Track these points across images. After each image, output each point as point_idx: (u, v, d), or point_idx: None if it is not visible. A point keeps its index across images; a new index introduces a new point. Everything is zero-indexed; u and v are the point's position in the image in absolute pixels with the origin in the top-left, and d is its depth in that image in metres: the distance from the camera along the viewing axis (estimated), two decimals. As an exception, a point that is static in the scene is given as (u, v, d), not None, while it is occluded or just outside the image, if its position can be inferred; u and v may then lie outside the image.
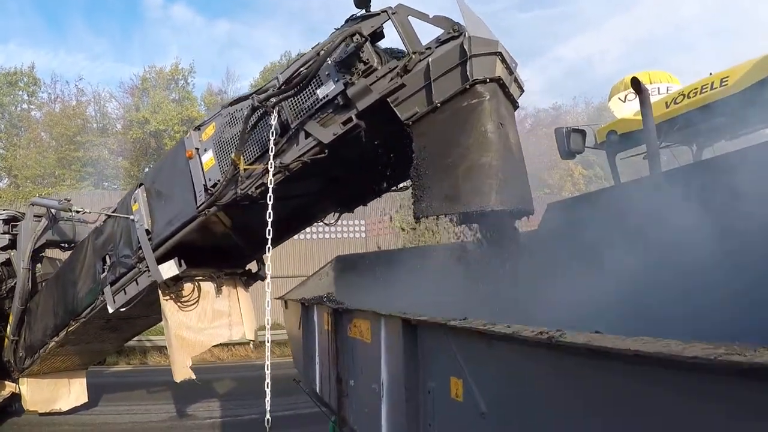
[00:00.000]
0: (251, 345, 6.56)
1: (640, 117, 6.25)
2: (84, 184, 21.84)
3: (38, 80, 26.81)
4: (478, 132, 3.90)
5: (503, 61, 4.01)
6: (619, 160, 7.77)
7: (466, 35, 3.84)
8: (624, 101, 8.23)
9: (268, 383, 4.44)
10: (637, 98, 6.56)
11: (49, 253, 8.47)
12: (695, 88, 6.33)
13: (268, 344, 4.48)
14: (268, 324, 4.49)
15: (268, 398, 4.41)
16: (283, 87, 4.33)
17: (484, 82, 3.89)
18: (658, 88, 7.73)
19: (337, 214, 6.42)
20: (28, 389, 8.06)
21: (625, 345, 1.20)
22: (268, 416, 4.36)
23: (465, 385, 2.04)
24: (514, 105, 4.56)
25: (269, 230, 4.34)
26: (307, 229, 16.72)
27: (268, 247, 4.44)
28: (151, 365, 14.00)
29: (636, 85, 6.17)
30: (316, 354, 4.71)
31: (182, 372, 5.88)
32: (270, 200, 4.35)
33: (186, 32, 48.57)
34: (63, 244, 8.17)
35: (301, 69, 4.38)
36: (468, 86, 3.89)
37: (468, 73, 3.86)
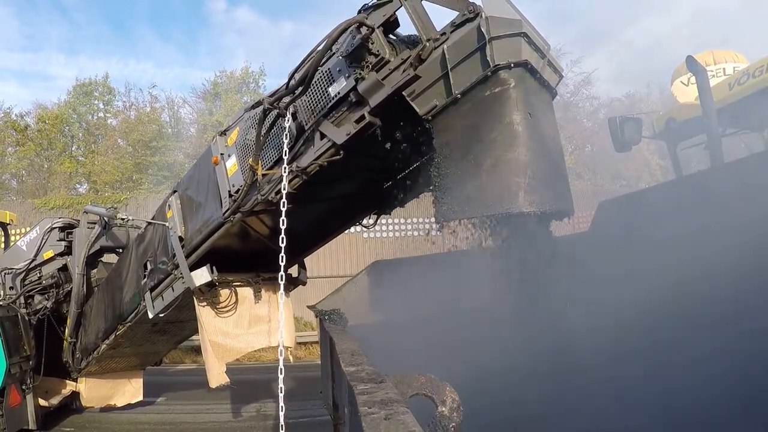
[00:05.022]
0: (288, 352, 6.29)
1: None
2: (161, 187, 22.41)
3: (113, 89, 27.88)
4: (503, 124, 3.43)
5: (530, 42, 3.51)
6: (680, 151, 7.02)
7: (483, 16, 3.36)
8: (687, 85, 7.44)
9: (281, 388, 4.28)
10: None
11: (107, 258, 8.54)
12: (761, 66, 5.54)
13: (281, 357, 4.31)
14: (281, 337, 4.23)
15: (281, 411, 4.18)
16: (291, 86, 3.95)
17: (508, 67, 3.41)
18: (724, 69, 6.92)
19: (374, 216, 6.05)
20: (85, 387, 8.23)
21: None
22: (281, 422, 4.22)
23: None
24: (551, 93, 4.03)
25: (283, 238, 4.03)
26: (380, 228, 16.77)
27: (282, 256, 4.12)
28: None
29: (692, 64, 5.48)
30: (328, 373, 4.39)
31: (217, 378, 5.70)
32: (284, 206, 4.02)
33: (251, 35, 49.26)
34: (118, 250, 8.21)
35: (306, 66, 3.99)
36: (490, 73, 3.42)
37: (488, 58, 3.40)
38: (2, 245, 9.32)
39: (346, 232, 16.13)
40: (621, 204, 5.44)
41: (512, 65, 3.44)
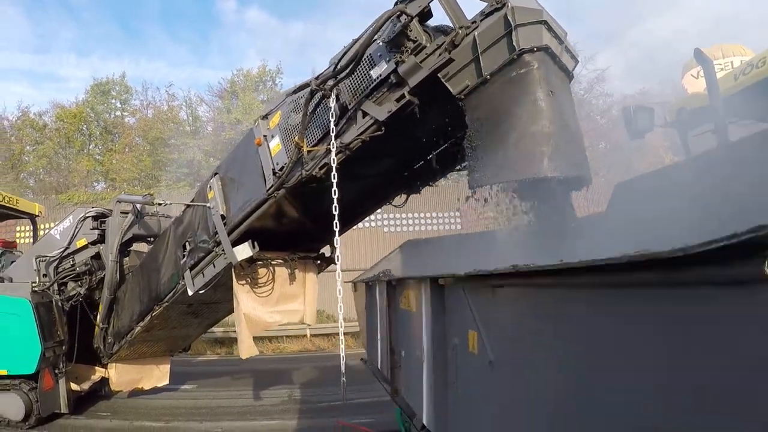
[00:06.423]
0: (308, 332, 6.91)
1: (711, 92, 6.13)
2: (180, 184, 23.14)
3: (130, 88, 28.86)
4: (528, 100, 4.05)
5: (550, 29, 4.15)
6: (692, 138, 7.60)
7: (509, 6, 4.02)
8: (697, 78, 8.04)
9: (342, 356, 4.75)
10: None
11: (136, 247, 9.15)
12: (764, 57, 6.13)
13: (341, 321, 4.74)
14: (340, 309, 4.80)
15: (343, 379, 4.75)
16: (338, 69, 4.62)
17: (532, 51, 4.05)
18: (732, 62, 7.54)
19: (405, 196, 6.68)
20: (115, 372, 8.81)
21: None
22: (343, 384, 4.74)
23: (478, 337, 2.20)
24: (568, 75, 4.66)
25: (335, 206, 4.63)
26: (400, 222, 17.69)
27: (336, 223, 4.72)
28: (237, 355, 14.53)
29: (699, 56, 6.08)
30: (378, 331, 4.94)
31: (248, 349, 6.33)
32: (334, 178, 4.65)
33: (261, 35, 50.43)
34: (149, 238, 8.82)
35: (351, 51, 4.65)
36: (515, 56, 4.06)
37: (514, 43, 4.04)
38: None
39: (367, 226, 16.74)
40: (636, 184, 6.01)
41: (535, 49, 4.08)
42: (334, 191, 4.60)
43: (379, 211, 15.98)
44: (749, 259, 0.73)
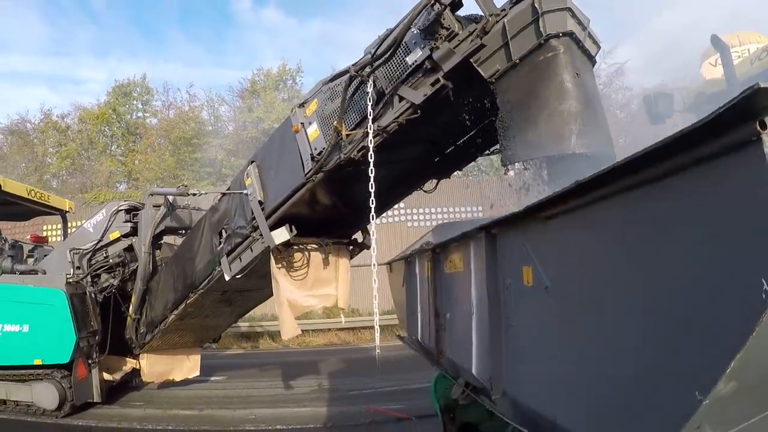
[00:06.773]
0: (341, 316, 7.33)
1: (729, 78, 6.54)
2: (203, 183, 23.73)
3: (151, 89, 29.88)
4: (556, 82, 4.48)
5: (574, 16, 4.59)
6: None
7: None
8: (715, 66, 8.44)
9: (377, 328, 5.29)
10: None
11: (166, 240, 9.60)
12: None
13: (375, 293, 5.24)
14: (374, 282, 5.23)
15: (378, 351, 5.13)
16: (376, 55, 5.07)
17: (557, 36, 4.50)
18: (748, 49, 7.92)
19: (435, 181, 7.12)
20: (147, 363, 9.22)
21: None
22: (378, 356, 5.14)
23: (533, 269, 2.48)
24: (591, 60, 5.08)
25: (372, 184, 5.07)
26: (424, 216, 18.21)
27: (372, 200, 5.15)
28: (262, 349, 15.43)
29: (716, 42, 6.49)
30: (418, 303, 5.31)
31: (291, 330, 6.74)
32: (371, 158, 5.09)
33: (279, 34, 51.74)
34: (180, 231, 9.25)
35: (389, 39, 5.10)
36: (543, 41, 4.50)
37: (541, 29, 4.48)
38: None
39: (391, 221, 17.17)
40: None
41: (560, 35, 4.52)
42: (371, 170, 5.03)
43: (402, 205, 16.46)
44: (746, 122, 1.09)
